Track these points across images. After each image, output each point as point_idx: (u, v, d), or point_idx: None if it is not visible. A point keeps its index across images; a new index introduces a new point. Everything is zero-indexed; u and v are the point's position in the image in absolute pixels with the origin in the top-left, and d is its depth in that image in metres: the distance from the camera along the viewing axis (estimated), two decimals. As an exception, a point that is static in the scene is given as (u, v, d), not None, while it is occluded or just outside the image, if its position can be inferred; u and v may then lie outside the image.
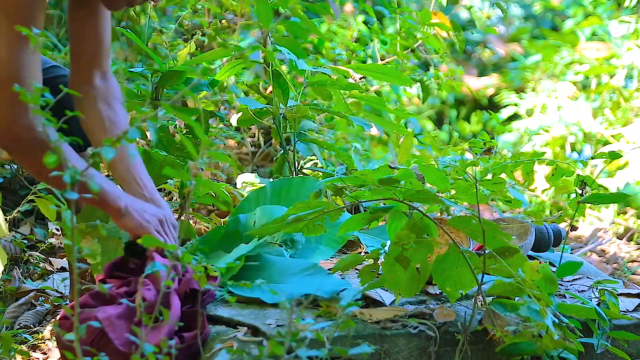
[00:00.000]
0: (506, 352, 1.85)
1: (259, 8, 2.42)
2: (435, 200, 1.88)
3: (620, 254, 3.87)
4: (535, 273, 1.85)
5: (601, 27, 5.79)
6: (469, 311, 1.96)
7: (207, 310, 2.00)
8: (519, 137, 5.45)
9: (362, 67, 2.93)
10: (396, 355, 1.91)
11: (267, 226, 1.99)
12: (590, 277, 2.33)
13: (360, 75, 2.93)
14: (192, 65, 2.53)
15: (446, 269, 1.91)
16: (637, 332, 2.00)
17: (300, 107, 2.73)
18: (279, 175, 2.83)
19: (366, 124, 2.78)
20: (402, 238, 1.89)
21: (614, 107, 5.15)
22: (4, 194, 3.06)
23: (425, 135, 3.81)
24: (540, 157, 1.92)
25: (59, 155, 1.51)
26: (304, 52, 2.68)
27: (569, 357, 1.85)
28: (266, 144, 4.04)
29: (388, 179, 1.85)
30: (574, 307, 1.93)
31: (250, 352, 1.82)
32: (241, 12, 3.78)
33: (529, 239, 2.33)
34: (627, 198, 2.49)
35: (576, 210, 2.01)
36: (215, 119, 3.28)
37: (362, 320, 1.94)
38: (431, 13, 3.45)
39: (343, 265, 1.98)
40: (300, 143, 2.81)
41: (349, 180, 1.91)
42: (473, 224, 1.86)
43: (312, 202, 1.95)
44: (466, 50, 6.89)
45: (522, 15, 7.90)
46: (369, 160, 3.94)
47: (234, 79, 3.68)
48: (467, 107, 7.04)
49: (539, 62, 6.23)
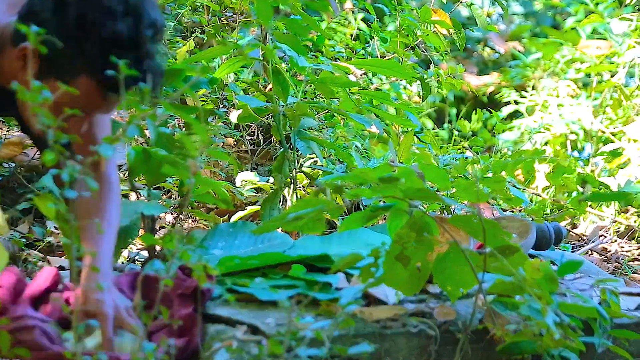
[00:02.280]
0: (507, 351, 1.85)
1: (258, 5, 2.41)
2: (436, 198, 1.87)
3: (622, 252, 3.86)
4: (536, 272, 1.85)
5: (602, 25, 5.78)
6: (470, 310, 1.95)
7: (206, 309, 1.99)
8: (519, 135, 5.44)
9: (364, 62, 2.92)
10: (396, 354, 1.91)
11: (268, 224, 1.99)
12: (591, 275, 2.33)
13: (361, 71, 2.92)
14: (191, 63, 2.52)
15: (447, 268, 1.91)
16: (638, 331, 1.99)
17: (300, 105, 2.72)
18: (279, 173, 2.82)
19: (367, 121, 2.78)
20: (402, 236, 1.88)
21: (615, 105, 5.14)
22: (2, 192, 3.05)
23: (425, 133, 3.80)
24: (540, 156, 1.92)
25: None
26: (304, 50, 2.67)
27: (569, 356, 1.84)
28: (266, 142, 4.03)
29: (388, 177, 1.84)
30: (575, 306, 1.93)
31: (250, 351, 1.82)
32: (240, 9, 3.77)
33: (530, 237, 2.32)
34: (629, 196, 2.49)
35: (577, 209, 2.00)
36: (215, 117, 3.27)
37: (362, 319, 1.93)
38: (431, 10, 3.45)
39: (343, 264, 1.98)
40: (300, 141, 2.80)
41: (349, 178, 1.90)
42: (474, 223, 1.85)
43: (312, 200, 1.95)
44: (466, 48, 6.87)
45: (523, 12, 7.90)
46: (369, 158, 3.93)
47: (234, 76, 3.67)
48: (468, 105, 7.03)
49: (539, 60, 6.23)
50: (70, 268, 2.15)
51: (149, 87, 1.94)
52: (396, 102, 3.21)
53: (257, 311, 1.98)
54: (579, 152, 5.05)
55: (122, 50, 1.89)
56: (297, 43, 2.62)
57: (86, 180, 1.54)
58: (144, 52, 1.93)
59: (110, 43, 1.89)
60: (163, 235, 2.63)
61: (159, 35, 1.97)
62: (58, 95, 1.77)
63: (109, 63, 1.80)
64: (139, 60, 1.91)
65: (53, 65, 1.87)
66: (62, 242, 2.87)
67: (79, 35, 1.89)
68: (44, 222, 3.03)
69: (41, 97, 1.52)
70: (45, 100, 1.51)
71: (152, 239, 1.99)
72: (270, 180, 3.19)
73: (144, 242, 2.03)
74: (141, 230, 2.44)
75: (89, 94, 1.94)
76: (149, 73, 1.94)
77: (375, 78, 3.90)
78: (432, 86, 3.65)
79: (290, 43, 2.60)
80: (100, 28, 1.88)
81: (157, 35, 1.96)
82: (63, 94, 1.77)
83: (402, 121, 3.02)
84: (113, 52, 1.84)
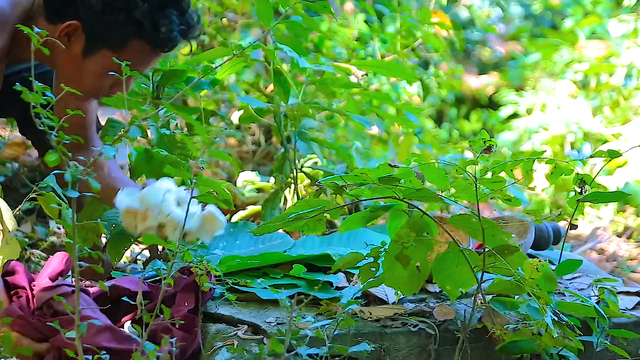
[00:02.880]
0: (506, 350, 1.85)
1: (259, 7, 2.42)
2: (435, 198, 1.88)
3: (620, 252, 3.88)
4: (534, 271, 1.86)
5: (601, 26, 5.79)
6: (469, 309, 1.96)
7: (207, 308, 2.01)
8: (518, 135, 5.45)
9: (365, 63, 2.93)
10: (396, 353, 1.91)
11: (269, 224, 2.00)
12: (590, 275, 2.34)
13: (362, 72, 2.93)
14: (193, 64, 2.53)
15: (446, 267, 1.91)
16: (636, 330, 2.00)
17: (301, 106, 2.73)
18: (280, 173, 2.83)
19: (367, 122, 2.79)
20: (402, 236, 1.89)
21: (614, 106, 5.15)
22: (5, 192, 3.06)
23: (425, 133, 3.82)
24: (539, 156, 1.93)
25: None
26: (305, 51, 2.68)
27: (568, 355, 1.85)
28: (267, 143, 4.05)
29: (388, 178, 1.85)
30: (573, 305, 1.93)
31: (251, 350, 1.82)
32: (242, 10, 3.78)
33: (529, 237, 2.33)
34: (627, 196, 2.50)
35: (575, 209, 2.01)
36: (216, 117, 3.28)
37: (362, 319, 1.94)
38: (431, 12, 3.46)
39: (343, 264, 1.99)
40: (300, 141, 2.81)
41: (349, 178, 1.91)
42: (473, 223, 1.86)
43: (312, 200, 1.96)
44: (466, 49, 6.88)
45: (522, 14, 7.90)
46: (369, 158, 3.94)
47: (235, 77, 3.68)
48: (467, 105, 7.04)
49: (538, 60, 6.23)
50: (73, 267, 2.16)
51: (195, 35, 2.14)
52: (397, 103, 3.22)
53: (258, 310, 1.99)
54: (577, 152, 5.06)
55: (167, 8, 2.04)
56: (299, 43, 2.63)
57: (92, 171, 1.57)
58: (185, 5, 2.08)
59: (156, 4, 2.02)
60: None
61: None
62: (110, 62, 1.90)
63: (158, 22, 1.92)
64: (182, 13, 2.07)
65: (102, 37, 1.93)
66: (64, 242, 2.88)
67: (124, 4, 1.97)
68: (46, 222, 3.04)
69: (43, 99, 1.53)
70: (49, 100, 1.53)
71: (153, 238, 2.00)
72: (271, 181, 3.20)
73: (145, 242, 2.04)
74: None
75: (142, 55, 2.05)
76: (193, 23, 2.10)
77: (376, 79, 3.92)
78: (432, 87, 3.66)
79: (291, 43, 2.61)
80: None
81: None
82: (115, 58, 1.84)
83: (403, 122, 3.03)
84: (159, 11, 2.01)
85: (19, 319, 1.84)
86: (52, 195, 1.71)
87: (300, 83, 2.82)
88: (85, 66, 2.02)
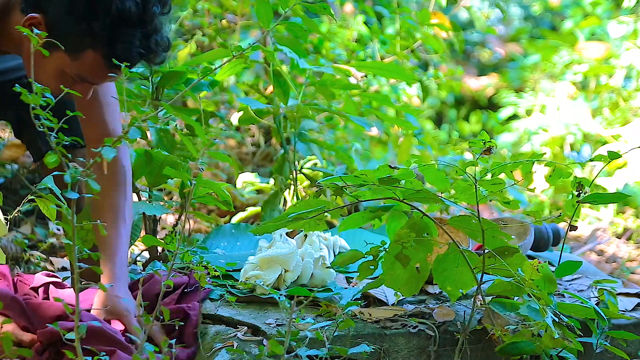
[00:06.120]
0: (505, 351, 1.85)
1: (259, 8, 2.42)
2: (435, 200, 1.88)
3: (619, 253, 3.88)
4: (534, 272, 1.86)
5: (600, 28, 5.80)
6: (469, 310, 1.96)
7: (207, 309, 2.01)
8: (518, 137, 5.46)
9: (365, 65, 2.93)
10: (396, 355, 1.92)
11: (269, 224, 2.00)
12: (589, 276, 2.34)
13: (361, 73, 2.94)
14: (193, 66, 2.54)
15: (446, 269, 1.92)
16: (636, 332, 2.00)
17: (301, 107, 2.73)
18: (279, 174, 2.83)
19: (367, 123, 2.79)
20: (401, 237, 1.89)
21: (613, 107, 5.15)
22: (4, 193, 3.06)
23: (424, 135, 3.82)
24: (539, 157, 1.93)
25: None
26: (304, 52, 2.68)
27: (568, 357, 1.85)
28: (266, 144, 4.05)
29: (388, 179, 1.85)
30: (573, 306, 1.93)
31: (251, 352, 1.83)
32: (241, 12, 3.78)
33: (528, 238, 2.33)
34: (626, 198, 2.50)
35: (575, 211, 2.01)
36: (216, 119, 3.28)
37: (362, 320, 1.94)
38: (431, 13, 3.46)
39: (341, 261, 1.99)
40: (300, 143, 2.81)
41: (349, 179, 1.91)
42: (472, 224, 1.86)
43: (311, 200, 1.96)
44: (465, 50, 6.88)
45: (522, 15, 7.90)
46: (368, 160, 3.94)
47: (234, 79, 3.69)
48: (467, 107, 7.04)
49: (538, 62, 6.24)
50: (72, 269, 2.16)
51: (156, 62, 2.00)
52: (396, 104, 3.22)
53: (258, 312, 1.99)
54: (577, 154, 5.06)
55: (130, 27, 1.93)
56: (298, 45, 2.63)
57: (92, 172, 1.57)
58: (151, 28, 1.96)
59: (118, 20, 1.92)
60: (164, 236, 2.65)
61: (166, 9, 1.99)
62: (64, 65, 1.89)
63: (116, 39, 1.86)
64: (146, 36, 1.95)
65: (61, 38, 1.91)
66: (64, 243, 2.88)
67: (88, 13, 1.92)
68: (46, 223, 3.04)
69: (42, 100, 1.53)
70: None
71: (153, 240, 2.01)
72: (271, 182, 3.20)
73: (145, 243, 2.04)
74: (142, 231, 2.46)
75: (95, 67, 1.98)
76: (155, 48, 1.98)
77: (375, 80, 3.92)
78: (432, 88, 3.67)
79: (291, 45, 2.61)
80: (109, 5, 1.91)
81: (164, 10, 1.98)
82: (69, 64, 1.83)
83: (402, 123, 3.03)
84: (121, 29, 1.91)
85: (11, 301, 1.86)
86: (52, 197, 1.71)
87: (300, 84, 2.83)
88: (42, 62, 1.98)
